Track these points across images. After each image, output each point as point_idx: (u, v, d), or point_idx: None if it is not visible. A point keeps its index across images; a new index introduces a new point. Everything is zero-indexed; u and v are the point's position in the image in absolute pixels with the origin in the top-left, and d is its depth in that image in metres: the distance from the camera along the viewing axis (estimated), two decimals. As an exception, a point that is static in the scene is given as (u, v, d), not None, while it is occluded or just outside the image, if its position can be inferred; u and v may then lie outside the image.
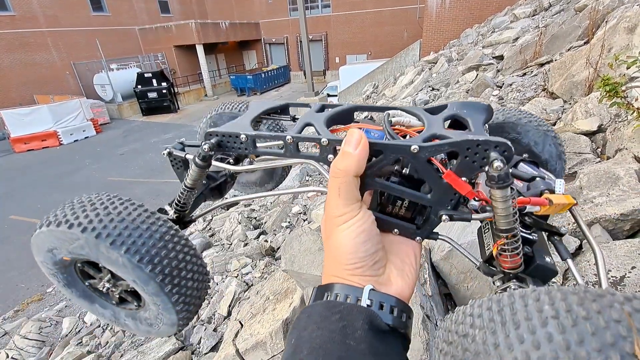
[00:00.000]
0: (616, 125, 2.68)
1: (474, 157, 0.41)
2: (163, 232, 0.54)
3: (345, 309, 0.38)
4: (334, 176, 0.43)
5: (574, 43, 5.02)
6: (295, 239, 2.00)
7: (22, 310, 5.89)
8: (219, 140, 0.55)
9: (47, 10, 20.15)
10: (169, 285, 0.54)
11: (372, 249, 0.43)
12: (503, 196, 0.42)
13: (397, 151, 0.44)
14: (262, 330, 1.98)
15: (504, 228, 0.45)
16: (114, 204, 0.55)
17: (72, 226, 0.51)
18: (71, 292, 0.66)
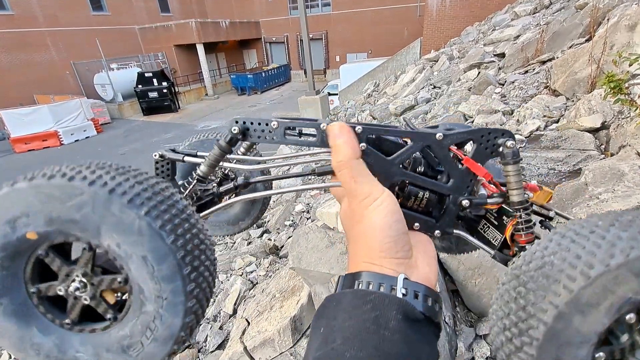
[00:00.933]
0: (619, 122, 2.69)
1: (486, 144, 0.50)
2: (184, 204, 0.46)
3: (377, 299, 0.38)
4: (338, 169, 0.45)
5: (576, 40, 5.03)
6: (302, 237, 2.02)
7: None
8: (246, 128, 0.52)
9: (46, 9, 20.12)
10: (189, 266, 0.42)
11: (403, 228, 0.44)
12: (516, 170, 0.49)
13: (424, 138, 0.49)
14: (269, 327, 1.99)
15: (519, 200, 0.50)
16: (128, 167, 0.47)
17: (72, 179, 0.40)
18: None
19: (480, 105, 4.53)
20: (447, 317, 1.62)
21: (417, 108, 6.89)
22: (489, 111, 4.24)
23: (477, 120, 4.12)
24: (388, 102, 8.58)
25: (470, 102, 4.85)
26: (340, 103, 15.63)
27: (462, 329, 1.69)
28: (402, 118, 0.72)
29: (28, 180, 0.40)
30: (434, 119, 5.56)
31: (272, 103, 23.23)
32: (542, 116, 3.49)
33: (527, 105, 3.78)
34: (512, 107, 4.14)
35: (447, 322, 1.60)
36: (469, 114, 4.63)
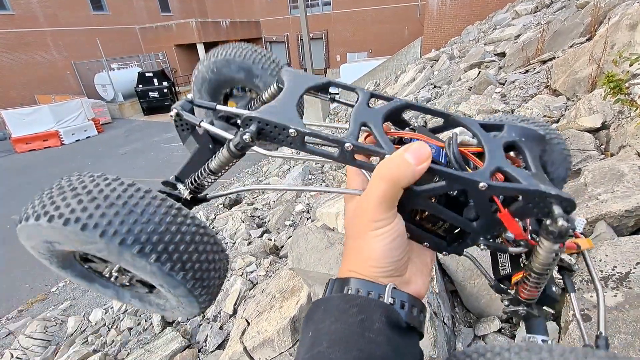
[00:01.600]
0: (619, 122, 2.68)
1: (536, 206, 0.41)
2: (193, 231, 0.47)
3: (364, 302, 0.39)
4: (382, 179, 0.41)
5: (576, 40, 5.02)
6: (301, 237, 2.02)
7: (26, 310, 5.93)
8: (261, 129, 0.46)
9: (46, 9, 20.13)
10: (199, 288, 0.48)
11: (402, 254, 0.43)
12: (552, 249, 0.42)
13: (462, 184, 0.42)
14: (269, 327, 1.99)
15: (537, 272, 0.45)
16: (131, 196, 0.44)
17: (86, 227, 0.40)
18: (65, 272, 0.57)
19: (481, 105, 4.53)
20: (446, 318, 1.62)
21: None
22: (489, 111, 4.24)
23: (477, 120, 4.12)
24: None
25: (471, 101, 4.84)
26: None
27: (460, 329, 1.70)
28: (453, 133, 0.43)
29: (47, 221, 0.42)
30: (434, 119, 5.55)
31: (272, 102, 23.17)
32: (542, 116, 3.49)
33: (528, 105, 3.78)
34: (513, 106, 4.13)
35: (446, 323, 1.61)
36: (469, 114, 4.62)
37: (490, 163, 0.44)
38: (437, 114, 0.54)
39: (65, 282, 6.53)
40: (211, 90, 0.84)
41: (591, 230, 1.85)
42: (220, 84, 0.83)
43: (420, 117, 6.07)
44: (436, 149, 0.47)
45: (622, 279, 1.45)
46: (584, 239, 0.45)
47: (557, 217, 0.38)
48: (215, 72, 0.80)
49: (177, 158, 13.80)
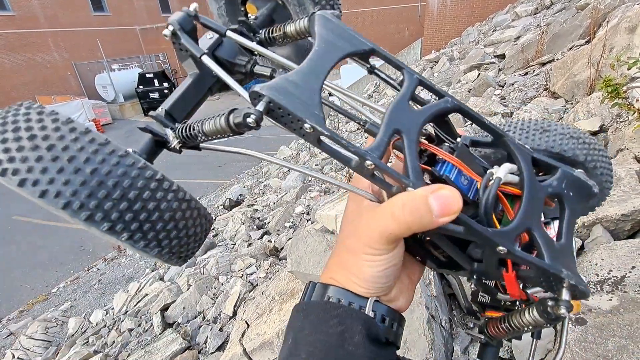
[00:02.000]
0: (617, 125, 2.70)
1: (547, 283, 0.37)
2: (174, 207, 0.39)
3: (344, 313, 0.38)
4: (394, 220, 0.36)
5: (576, 42, 5.03)
6: (300, 241, 2.03)
7: (27, 311, 5.95)
8: (270, 109, 0.37)
9: (47, 10, 20.17)
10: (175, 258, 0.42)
11: (392, 280, 0.42)
12: (539, 323, 0.39)
13: (481, 239, 0.36)
14: (268, 330, 2.01)
15: (515, 327, 0.43)
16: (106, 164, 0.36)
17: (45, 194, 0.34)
18: None
19: (480, 107, 4.54)
20: (443, 321, 1.64)
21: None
22: (489, 113, 4.25)
23: (476, 123, 4.13)
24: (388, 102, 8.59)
25: (470, 103, 4.86)
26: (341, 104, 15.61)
27: (458, 332, 1.71)
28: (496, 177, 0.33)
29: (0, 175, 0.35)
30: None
31: (272, 103, 23.22)
32: (541, 119, 3.50)
33: (527, 108, 3.79)
34: (512, 109, 4.15)
35: (443, 326, 1.62)
36: (468, 116, 4.64)
37: (521, 222, 0.37)
38: (489, 129, 0.44)
39: (66, 282, 6.55)
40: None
41: (588, 234, 1.87)
42: None
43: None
44: (469, 180, 0.41)
45: (618, 282, 1.47)
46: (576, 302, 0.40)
47: (562, 305, 0.36)
48: None
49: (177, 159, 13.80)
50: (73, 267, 7.19)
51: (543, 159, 0.43)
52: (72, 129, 0.36)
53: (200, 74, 0.51)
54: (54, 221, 9.47)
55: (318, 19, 0.44)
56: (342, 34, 0.43)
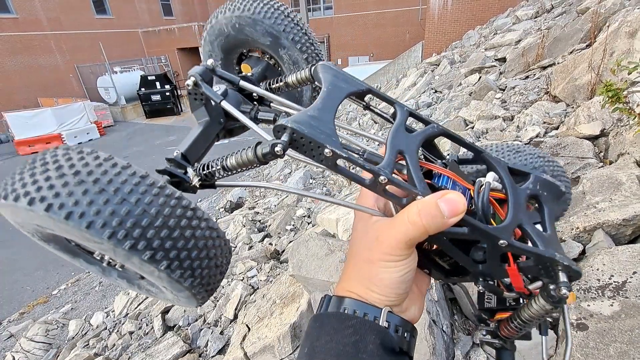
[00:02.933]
0: (618, 129, 2.70)
1: (545, 269, 0.42)
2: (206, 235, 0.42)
3: (358, 323, 0.40)
4: (412, 225, 0.40)
5: (577, 46, 5.04)
6: (302, 244, 2.04)
7: (28, 313, 5.95)
8: (293, 139, 0.41)
9: (50, 12, 20.29)
10: (203, 291, 0.45)
11: (409, 287, 0.44)
12: (545, 309, 0.43)
13: (483, 236, 0.42)
14: (269, 334, 2.01)
15: (524, 320, 0.46)
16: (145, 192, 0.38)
17: (91, 226, 0.34)
18: (47, 244, 0.51)
19: (481, 110, 4.55)
20: (444, 326, 1.64)
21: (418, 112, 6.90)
22: (490, 117, 4.26)
23: (477, 126, 4.14)
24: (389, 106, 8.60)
25: (471, 107, 4.87)
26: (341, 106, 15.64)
27: (459, 337, 1.71)
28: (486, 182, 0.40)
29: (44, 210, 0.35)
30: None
31: (274, 106, 23.26)
32: (542, 123, 3.51)
33: (527, 112, 3.80)
34: (513, 112, 4.16)
35: (445, 331, 1.62)
36: (469, 119, 4.65)
37: (513, 218, 0.43)
38: (470, 147, 0.52)
39: (67, 285, 6.55)
40: (226, 47, 0.74)
41: (589, 239, 1.86)
42: (239, 44, 0.73)
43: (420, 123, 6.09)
44: (463, 189, 0.46)
45: (619, 288, 1.47)
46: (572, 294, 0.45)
47: (562, 285, 0.40)
48: (237, 29, 0.68)
49: (178, 161, 13.83)
50: (74, 269, 7.20)
51: (517, 168, 0.51)
52: (113, 164, 0.39)
53: (209, 121, 0.58)
54: (55, 223, 9.47)
55: (322, 67, 0.53)
56: (344, 78, 0.51)
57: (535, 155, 0.61)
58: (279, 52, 0.70)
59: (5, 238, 9.05)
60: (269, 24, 0.66)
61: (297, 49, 0.68)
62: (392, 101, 0.53)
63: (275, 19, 0.66)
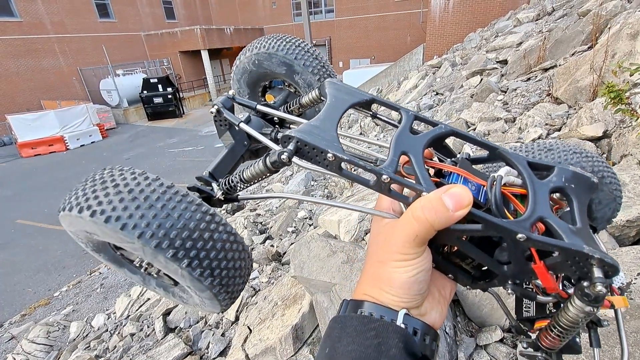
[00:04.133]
0: (621, 131, 2.69)
1: (575, 265, 0.38)
2: (224, 238, 0.48)
3: (381, 326, 0.39)
4: (417, 221, 0.39)
5: (578, 48, 5.04)
6: (304, 245, 2.03)
7: (29, 315, 5.95)
8: (299, 148, 0.45)
9: (53, 16, 20.47)
10: (223, 292, 0.50)
11: (424, 288, 0.43)
12: (583, 310, 0.39)
13: (500, 231, 0.39)
14: (271, 335, 2.00)
15: (564, 327, 0.42)
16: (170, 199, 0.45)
17: (125, 227, 0.42)
18: (99, 255, 0.60)
19: (483, 112, 4.55)
20: (447, 327, 1.63)
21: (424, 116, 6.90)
22: (491, 119, 4.26)
23: (479, 128, 4.13)
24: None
25: (473, 109, 4.87)
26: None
27: (462, 339, 1.70)
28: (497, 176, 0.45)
29: (90, 216, 0.44)
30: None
31: (275, 108, 23.34)
32: (544, 124, 3.50)
33: (529, 113, 3.79)
34: (514, 114, 4.15)
35: (448, 332, 1.61)
36: (471, 122, 4.65)
37: (533, 211, 0.41)
38: (483, 145, 0.51)
39: (68, 286, 6.56)
40: (251, 81, 0.84)
41: (592, 240, 1.85)
42: (261, 77, 0.83)
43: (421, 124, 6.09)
44: (476, 186, 0.45)
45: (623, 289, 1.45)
46: (619, 298, 0.42)
47: (596, 281, 0.36)
48: (257, 65, 0.79)
49: (180, 163, 13.89)
50: (75, 270, 7.21)
51: (538, 161, 0.48)
52: (160, 184, 0.47)
53: (235, 144, 0.65)
54: (58, 225, 9.51)
55: (327, 84, 0.57)
56: (347, 91, 0.55)
57: (570, 152, 0.57)
58: (294, 78, 0.79)
59: (7, 240, 9.08)
60: (282, 54, 0.75)
61: (309, 72, 0.77)
62: (397, 107, 0.54)
63: (287, 50, 0.76)
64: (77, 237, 0.53)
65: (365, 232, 2.82)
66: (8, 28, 18.66)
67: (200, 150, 15.61)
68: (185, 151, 15.63)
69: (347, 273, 1.80)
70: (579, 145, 0.59)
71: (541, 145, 0.60)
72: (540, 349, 0.48)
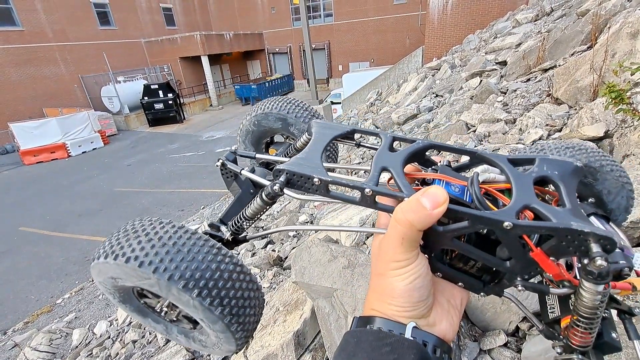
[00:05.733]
0: (623, 130, 2.68)
1: (571, 244, 0.38)
2: (231, 269, 0.52)
3: (396, 342, 0.39)
4: (400, 224, 0.41)
5: (577, 48, 5.04)
6: (304, 251, 2.02)
7: (32, 322, 5.94)
8: (289, 179, 0.51)
9: (55, 25, 20.65)
10: (235, 324, 0.53)
11: (425, 294, 0.43)
12: (595, 291, 0.39)
13: (486, 224, 0.41)
14: (273, 342, 1.98)
15: (585, 316, 0.42)
16: (180, 237, 0.52)
17: (142, 265, 0.48)
18: (125, 307, 0.66)
19: (483, 114, 4.54)
20: (450, 332, 1.61)
21: (420, 117, 6.91)
22: (491, 120, 4.25)
23: (479, 130, 4.13)
24: (391, 110, 8.62)
25: (473, 110, 4.86)
26: (343, 112, 15.72)
27: (466, 343, 1.68)
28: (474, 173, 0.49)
29: (113, 259, 0.50)
30: (436, 127, 5.57)
31: (276, 112, 23.40)
32: (544, 125, 3.49)
33: (530, 114, 3.78)
34: (515, 115, 4.14)
35: (451, 337, 1.59)
36: (471, 123, 4.64)
37: (517, 200, 0.42)
38: (462, 151, 0.54)
39: (71, 293, 6.55)
40: (254, 140, 0.96)
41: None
42: (262, 134, 0.95)
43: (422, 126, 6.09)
44: (461, 189, 0.46)
45: (629, 292, 1.43)
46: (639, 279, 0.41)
47: (595, 256, 0.36)
48: (257, 125, 0.92)
49: (181, 168, 13.92)
50: (78, 277, 7.20)
51: (518, 157, 0.51)
52: (172, 226, 0.54)
53: (242, 193, 0.71)
54: (60, 232, 9.52)
55: (313, 123, 0.65)
56: (329, 126, 0.63)
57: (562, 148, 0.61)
58: (290, 129, 0.90)
59: (10, 247, 9.09)
60: (276, 112, 0.88)
61: (301, 122, 0.88)
62: (375, 133, 0.61)
63: (280, 107, 0.88)
64: (104, 286, 0.60)
65: (366, 237, 2.80)
66: (10, 37, 18.84)
67: (202, 155, 15.64)
68: (186, 156, 15.66)
69: (349, 278, 1.78)
70: (570, 142, 0.61)
71: (532, 148, 0.64)
72: (574, 350, 0.46)
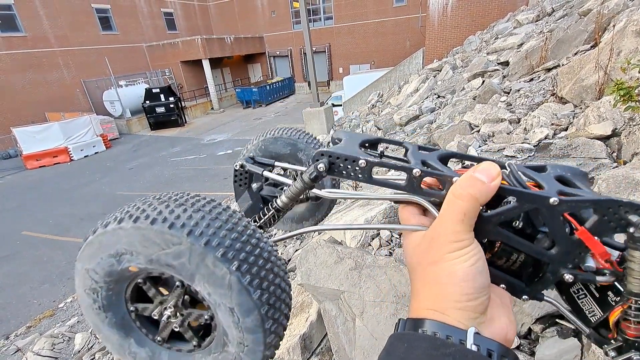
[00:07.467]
0: (631, 129, 2.64)
1: (612, 218, 0.39)
2: (269, 250, 0.46)
3: (458, 352, 0.35)
4: (460, 199, 0.39)
5: (581, 47, 5.01)
6: (310, 252, 1.99)
7: (34, 326, 5.92)
8: (332, 162, 0.48)
9: (57, 30, 20.80)
10: (271, 320, 0.45)
11: (486, 281, 0.40)
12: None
13: (534, 201, 0.41)
14: (278, 345, 1.95)
15: (638, 292, 0.41)
16: (215, 207, 0.46)
17: (173, 226, 0.41)
18: (104, 317, 0.51)
19: (486, 114, 4.51)
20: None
21: (422, 118, 6.89)
22: (495, 120, 4.22)
23: (483, 130, 4.10)
24: (392, 112, 8.60)
25: (476, 111, 4.83)
26: (344, 114, 15.72)
27: (477, 346, 1.64)
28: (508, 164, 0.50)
29: (132, 222, 0.43)
30: (439, 128, 5.54)
31: (277, 115, 23.47)
32: (550, 124, 3.46)
33: (534, 114, 3.75)
34: (519, 115, 4.11)
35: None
36: (474, 123, 4.61)
37: (550, 187, 0.43)
38: (482, 160, 0.53)
39: (73, 297, 6.53)
40: None
41: (608, 241, 1.80)
42: None
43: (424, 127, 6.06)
44: None
45: None
46: None
47: (638, 222, 0.38)
48: (263, 150, 0.92)
49: (183, 172, 13.92)
50: (80, 282, 7.18)
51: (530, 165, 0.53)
52: (219, 203, 0.49)
53: (252, 203, 0.70)
54: (62, 236, 9.52)
55: (339, 132, 0.60)
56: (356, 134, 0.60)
57: None
58: (298, 155, 0.90)
59: (13, 252, 9.09)
60: (286, 137, 0.90)
61: (311, 147, 0.90)
62: (400, 143, 0.60)
63: (290, 134, 0.91)
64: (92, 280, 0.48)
65: (371, 238, 2.77)
66: (13, 43, 18.97)
67: (203, 158, 15.66)
68: (187, 160, 15.68)
69: (356, 280, 1.75)
70: None
71: None
72: (631, 347, 0.43)
